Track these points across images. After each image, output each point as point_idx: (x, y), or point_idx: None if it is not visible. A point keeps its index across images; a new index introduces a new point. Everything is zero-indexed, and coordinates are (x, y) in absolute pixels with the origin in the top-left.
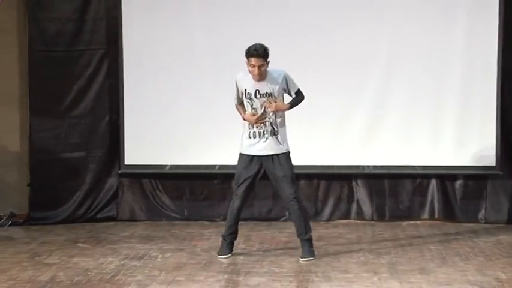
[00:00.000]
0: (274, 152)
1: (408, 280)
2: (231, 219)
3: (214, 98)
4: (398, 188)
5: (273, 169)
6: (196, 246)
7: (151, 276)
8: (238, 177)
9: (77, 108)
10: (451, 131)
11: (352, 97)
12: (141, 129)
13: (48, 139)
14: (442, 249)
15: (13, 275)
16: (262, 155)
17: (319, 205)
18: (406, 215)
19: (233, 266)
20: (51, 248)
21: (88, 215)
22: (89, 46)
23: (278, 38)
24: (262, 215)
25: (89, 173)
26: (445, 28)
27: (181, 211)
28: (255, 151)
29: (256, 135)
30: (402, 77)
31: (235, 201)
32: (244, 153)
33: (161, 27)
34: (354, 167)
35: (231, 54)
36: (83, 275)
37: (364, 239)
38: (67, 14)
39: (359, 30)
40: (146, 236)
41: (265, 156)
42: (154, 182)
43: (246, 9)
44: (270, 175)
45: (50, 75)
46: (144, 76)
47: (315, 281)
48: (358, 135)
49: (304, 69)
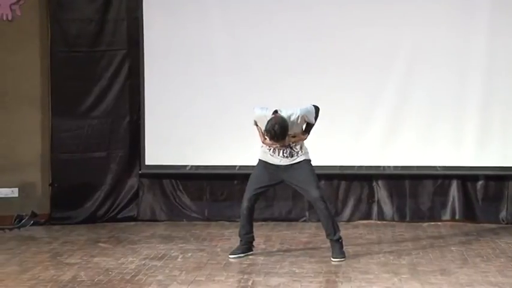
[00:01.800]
0: (293, 162)
1: (429, 281)
2: (242, 220)
3: (235, 99)
4: (419, 189)
5: (294, 174)
6: (217, 246)
7: (171, 276)
8: (251, 181)
9: (98, 108)
10: (473, 131)
11: (373, 97)
12: (162, 129)
13: (70, 139)
14: (463, 250)
15: (35, 275)
16: (281, 164)
17: (340, 206)
18: (427, 216)
19: (253, 266)
20: (72, 248)
21: (109, 215)
22: (110, 47)
23: (298, 38)
24: (282, 216)
25: (109, 173)
26: (467, 27)
27: (201, 211)
28: (275, 161)
29: (276, 152)
30: (423, 78)
31: (243, 202)
32: (263, 159)
33: (181, 28)
34: (374, 168)
35: (251, 55)
36: (104, 274)
37: (385, 240)
38: (89, 15)
39: (380, 29)
40: (167, 236)
41: (284, 166)
42: (174, 182)
43: (265, 8)
44: (292, 181)
45: (72, 76)
46: (165, 77)
47: (335, 282)
48: (379, 136)
49: (324, 69)
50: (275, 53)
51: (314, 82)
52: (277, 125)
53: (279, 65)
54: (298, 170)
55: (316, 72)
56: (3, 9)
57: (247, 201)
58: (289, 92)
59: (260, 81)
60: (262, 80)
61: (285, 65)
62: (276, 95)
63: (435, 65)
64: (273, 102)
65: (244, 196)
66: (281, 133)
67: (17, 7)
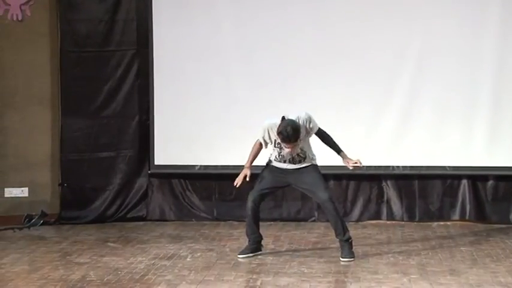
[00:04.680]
0: (301, 167)
1: (438, 281)
2: (248, 220)
3: (244, 99)
4: (429, 189)
5: (302, 177)
6: (226, 246)
7: (180, 276)
8: (257, 182)
9: (108, 108)
10: (483, 130)
11: (382, 97)
12: (171, 129)
13: (79, 139)
14: (473, 251)
15: (44, 274)
16: (288, 168)
17: (349, 206)
18: (436, 216)
19: (262, 266)
20: (82, 248)
21: (118, 214)
22: (120, 47)
23: (308, 35)
24: (291, 216)
25: (119, 173)
26: (478, 25)
27: (210, 211)
28: (283, 166)
29: (284, 161)
30: (432, 77)
31: (248, 203)
32: (271, 164)
33: (190, 27)
34: (383, 168)
35: (261, 54)
36: (113, 274)
37: (394, 240)
38: (98, 15)
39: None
40: (176, 236)
41: (292, 169)
42: (183, 182)
43: (275, 7)
44: (300, 184)
45: (81, 75)
46: (174, 77)
47: (344, 282)
48: (388, 135)
49: (333, 68)
50: (285, 52)
51: (323, 81)
52: (289, 127)
53: (289, 63)
54: (305, 173)
55: (325, 72)
56: (13, 9)
57: (252, 202)
58: (299, 90)
59: (270, 80)
60: (272, 80)
61: (295, 63)
62: (286, 94)
63: (445, 64)
64: (282, 100)
65: (249, 197)
66: (294, 134)
67: (27, 7)
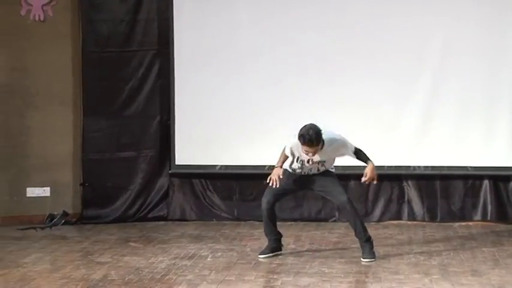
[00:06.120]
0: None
1: (460, 282)
2: (264, 219)
3: (264, 99)
4: (450, 189)
5: (319, 180)
6: (246, 246)
7: (201, 275)
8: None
9: (129, 108)
10: (504, 130)
11: (403, 97)
12: (192, 129)
13: (101, 139)
14: (495, 251)
15: (66, 274)
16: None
17: (370, 206)
18: (458, 216)
19: (283, 266)
20: (103, 247)
21: (139, 214)
22: (141, 47)
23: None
24: (312, 216)
25: (140, 173)
26: (499, 24)
27: (231, 211)
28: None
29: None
30: (454, 76)
31: (262, 204)
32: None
33: (211, 28)
34: (404, 168)
35: (281, 54)
36: (135, 274)
37: (415, 240)
38: (120, 15)
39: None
40: (196, 235)
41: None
42: (204, 182)
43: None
44: (317, 187)
45: (103, 76)
46: (195, 77)
47: (365, 282)
48: (409, 135)
49: (354, 69)
50: (305, 52)
51: (343, 82)
52: (312, 130)
53: (309, 64)
54: (323, 177)
55: (345, 71)
56: (36, 10)
57: (266, 203)
58: (319, 91)
59: (290, 81)
60: (292, 80)
61: (315, 64)
62: (306, 95)
63: (466, 63)
64: (302, 101)
65: (263, 198)
66: (316, 138)
67: (49, 8)
